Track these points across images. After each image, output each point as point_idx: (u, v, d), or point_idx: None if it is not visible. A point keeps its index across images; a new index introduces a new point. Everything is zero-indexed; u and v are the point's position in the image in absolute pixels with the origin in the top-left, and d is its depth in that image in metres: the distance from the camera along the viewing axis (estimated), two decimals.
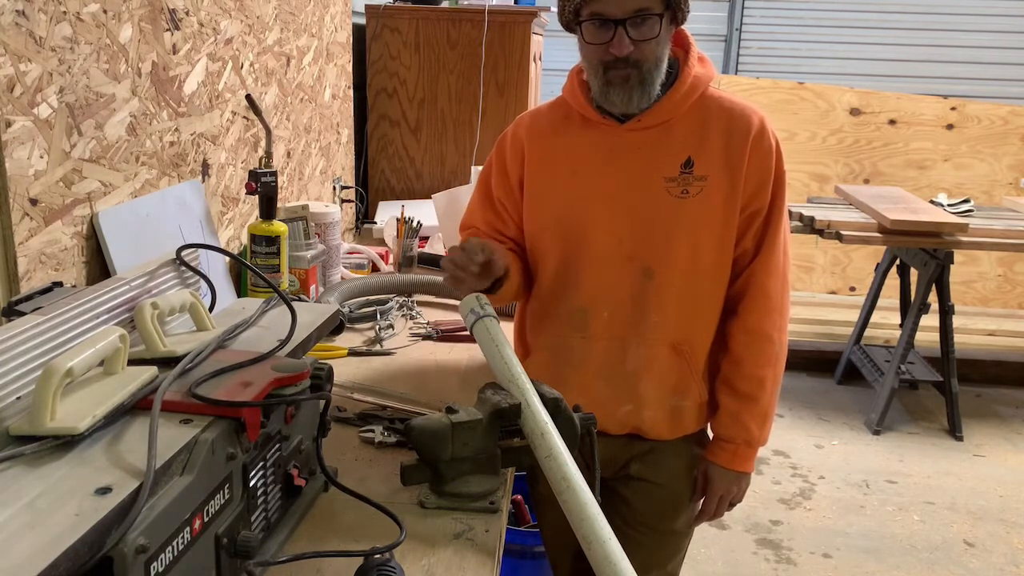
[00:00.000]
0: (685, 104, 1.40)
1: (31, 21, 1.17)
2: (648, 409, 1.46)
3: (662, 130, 1.40)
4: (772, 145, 1.41)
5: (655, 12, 1.30)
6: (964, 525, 3.05)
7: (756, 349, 1.44)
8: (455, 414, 1.13)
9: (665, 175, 1.39)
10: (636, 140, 1.41)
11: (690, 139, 1.40)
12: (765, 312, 1.44)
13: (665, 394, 1.46)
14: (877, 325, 4.33)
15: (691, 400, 1.47)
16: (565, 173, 1.45)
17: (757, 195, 1.40)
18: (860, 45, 5.82)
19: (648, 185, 1.40)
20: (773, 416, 1.50)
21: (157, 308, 1.03)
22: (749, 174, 1.39)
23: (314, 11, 2.44)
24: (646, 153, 1.40)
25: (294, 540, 1.04)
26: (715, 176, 1.39)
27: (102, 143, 1.37)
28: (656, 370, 1.44)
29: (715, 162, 1.39)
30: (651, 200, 1.40)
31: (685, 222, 1.39)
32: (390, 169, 3.14)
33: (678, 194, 1.39)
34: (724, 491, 1.51)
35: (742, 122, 1.40)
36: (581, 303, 1.45)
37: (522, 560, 2.05)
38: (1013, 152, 4.96)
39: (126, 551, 0.69)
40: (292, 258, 1.80)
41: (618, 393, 1.45)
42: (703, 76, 1.42)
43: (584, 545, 1.03)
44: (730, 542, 2.90)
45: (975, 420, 3.89)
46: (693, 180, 1.39)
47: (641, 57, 1.32)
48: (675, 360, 1.44)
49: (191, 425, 0.85)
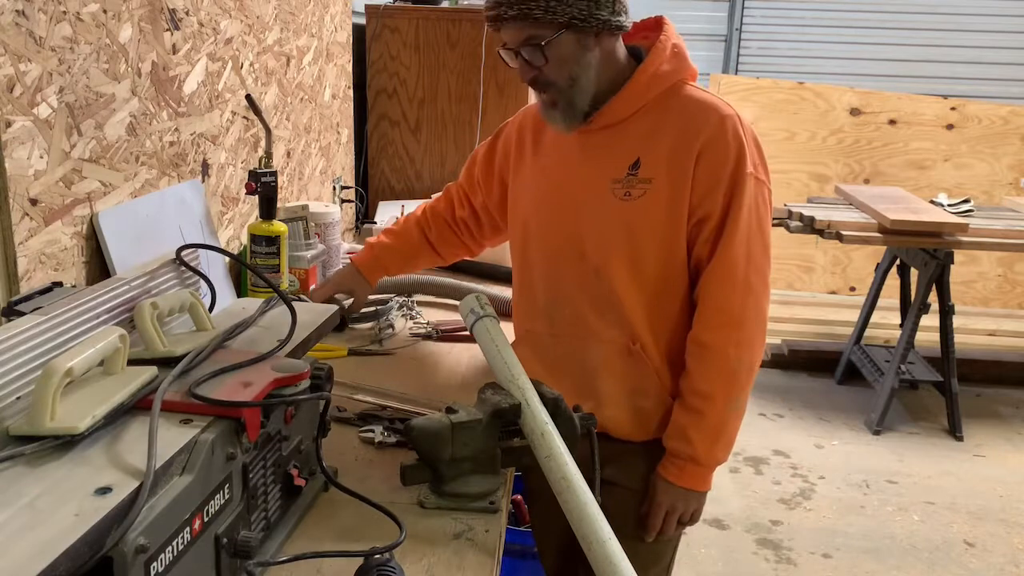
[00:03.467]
0: (637, 104, 1.37)
1: (31, 21, 1.17)
2: (608, 408, 1.44)
3: (616, 131, 1.39)
4: (731, 147, 1.32)
5: (539, 41, 1.30)
6: (964, 525, 3.05)
7: (705, 363, 1.37)
8: (455, 414, 1.13)
9: (612, 176, 1.38)
10: (591, 141, 1.42)
11: (641, 140, 1.37)
12: (716, 325, 1.36)
13: (624, 394, 1.44)
14: (877, 325, 4.33)
15: (652, 402, 1.44)
16: (536, 174, 1.50)
17: (704, 200, 1.33)
18: (860, 45, 5.82)
19: (596, 186, 1.40)
20: (729, 436, 1.41)
21: (157, 308, 1.03)
22: (697, 178, 1.33)
23: (314, 11, 2.44)
24: (598, 154, 1.41)
25: (294, 540, 1.04)
26: (660, 179, 1.34)
27: (102, 143, 1.37)
28: (613, 369, 1.43)
29: (661, 164, 1.34)
30: (597, 201, 1.40)
31: (625, 224, 1.37)
32: (390, 169, 3.14)
33: (621, 196, 1.37)
34: (669, 507, 1.43)
35: (695, 123, 1.34)
36: (547, 299, 1.49)
37: (522, 560, 2.05)
38: (1013, 152, 4.96)
39: (126, 551, 0.69)
40: (292, 258, 1.80)
41: (580, 390, 1.44)
42: (668, 73, 1.37)
43: (584, 545, 1.03)
44: (730, 542, 2.90)
45: (975, 420, 3.89)
46: (637, 182, 1.36)
47: (549, 80, 1.34)
48: (630, 361, 1.42)
49: (191, 425, 0.85)
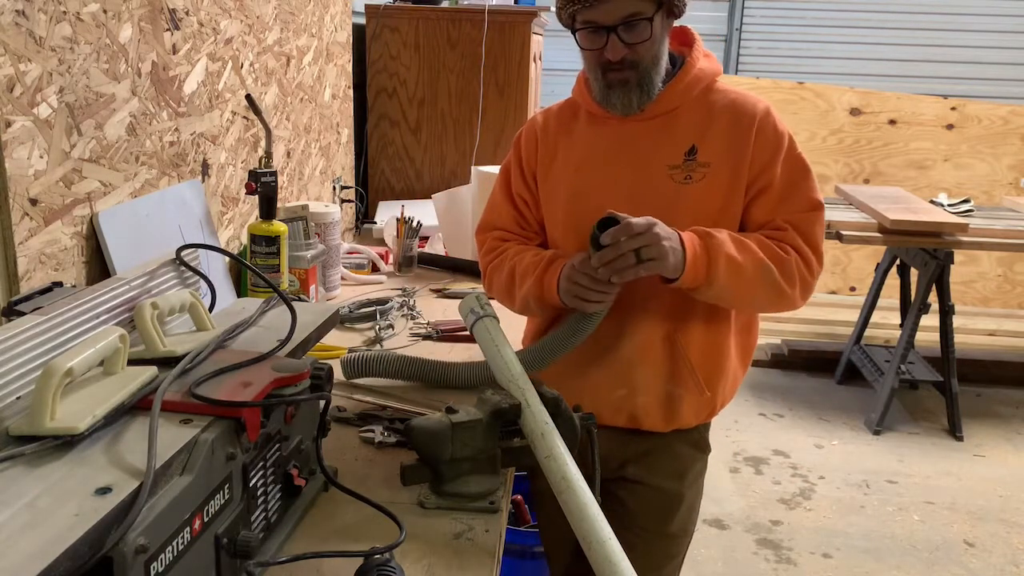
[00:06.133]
0: (689, 94, 1.42)
1: (31, 21, 1.17)
2: (641, 395, 1.47)
3: (666, 120, 1.43)
4: (781, 132, 1.41)
5: (645, 16, 1.32)
6: (964, 525, 3.05)
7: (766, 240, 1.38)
8: (455, 414, 1.13)
9: (668, 163, 1.41)
10: (640, 131, 1.44)
11: (694, 128, 1.42)
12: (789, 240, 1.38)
13: (659, 381, 1.46)
14: (877, 325, 4.33)
15: (686, 390, 1.47)
16: (573, 168, 1.48)
17: (762, 175, 1.40)
18: (860, 45, 5.82)
19: (651, 173, 1.42)
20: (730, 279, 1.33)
21: (157, 308, 1.03)
22: (755, 157, 1.39)
23: (314, 11, 2.44)
24: (650, 142, 1.43)
25: (294, 540, 1.04)
26: (718, 162, 1.40)
27: (102, 143, 1.37)
28: (650, 358, 1.45)
29: (719, 149, 1.40)
30: (653, 187, 1.42)
31: (686, 207, 1.40)
32: (390, 169, 3.14)
33: (681, 180, 1.41)
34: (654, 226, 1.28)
35: (746, 109, 1.42)
36: None
37: (522, 560, 2.05)
38: (1013, 152, 4.96)
39: (126, 551, 0.69)
40: (292, 258, 1.80)
41: (613, 378, 1.47)
42: (708, 70, 1.44)
43: (584, 545, 1.03)
44: (730, 542, 2.90)
45: (975, 420, 3.89)
46: (696, 167, 1.40)
47: (637, 58, 1.35)
48: (669, 349, 1.45)
49: (191, 425, 0.85)
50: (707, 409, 1.51)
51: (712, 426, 1.60)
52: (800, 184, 1.42)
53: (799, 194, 1.41)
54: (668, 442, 1.52)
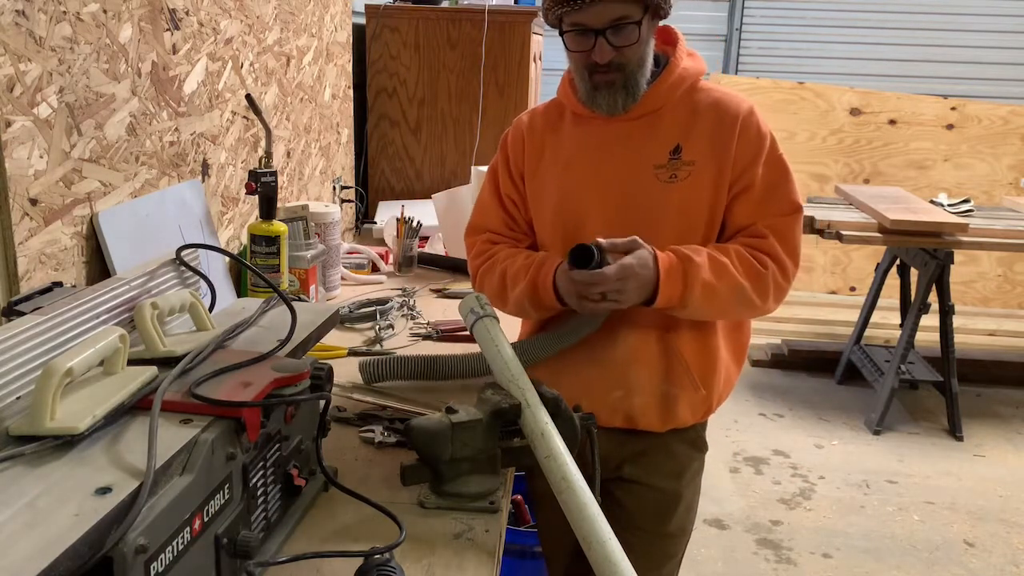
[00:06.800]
0: (674, 94, 1.43)
1: (31, 21, 1.17)
2: (638, 396, 1.47)
3: (651, 119, 1.44)
4: (764, 132, 1.43)
5: (633, 20, 1.33)
6: (964, 525, 3.05)
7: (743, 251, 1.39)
8: (455, 414, 1.13)
9: (654, 162, 1.43)
10: (625, 130, 1.45)
11: (679, 127, 1.43)
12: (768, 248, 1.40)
13: (655, 381, 1.47)
14: (877, 325, 4.33)
15: (681, 388, 1.47)
16: (561, 166, 1.49)
17: (744, 174, 1.41)
18: (860, 45, 5.82)
19: (637, 172, 1.43)
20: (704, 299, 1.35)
21: (157, 308, 1.03)
22: (738, 155, 1.41)
23: (314, 11, 2.44)
24: (635, 142, 1.44)
25: (294, 540, 1.04)
26: (703, 161, 1.41)
27: (102, 143, 1.37)
28: (645, 358, 1.46)
29: (703, 147, 1.41)
30: (639, 186, 1.43)
31: (672, 206, 1.42)
32: (390, 169, 3.14)
33: (666, 179, 1.42)
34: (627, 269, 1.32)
35: (730, 108, 1.43)
36: None
37: (522, 560, 2.05)
38: (1013, 152, 4.96)
39: (126, 551, 0.69)
40: (292, 258, 1.80)
41: (608, 380, 1.47)
42: (692, 69, 1.45)
43: (584, 545, 1.03)
44: (730, 542, 2.90)
45: (975, 420, 3.89)
46: (681, 165, 1.42)
47: (624, 61, 1.37)
48: (663, 348, 1.46)
49: (191, 425, 0.85)
50: (703, 407, 1.51)
51: (712, 426, 1.60)
52: (781, 186, 1.43)
53: (779, 196, 1.43)
54: (665, 442, 1.53)
